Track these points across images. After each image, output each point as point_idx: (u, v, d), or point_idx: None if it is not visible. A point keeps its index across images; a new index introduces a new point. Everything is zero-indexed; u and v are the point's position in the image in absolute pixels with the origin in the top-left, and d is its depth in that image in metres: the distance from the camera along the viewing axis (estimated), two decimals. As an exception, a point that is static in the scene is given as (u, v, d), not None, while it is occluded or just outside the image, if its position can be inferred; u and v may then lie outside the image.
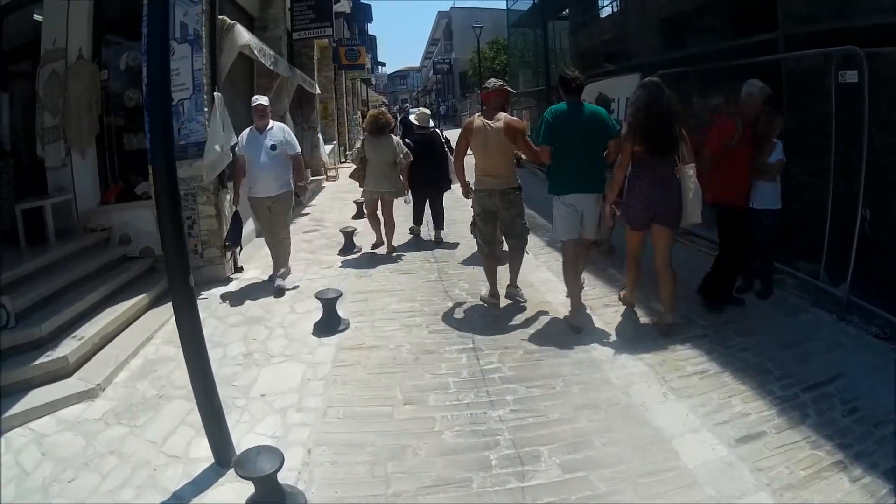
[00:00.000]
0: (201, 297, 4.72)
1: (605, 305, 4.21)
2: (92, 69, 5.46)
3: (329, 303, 3.89)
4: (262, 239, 6.80)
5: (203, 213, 5.11)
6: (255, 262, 5.87)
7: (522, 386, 3.10)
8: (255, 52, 5.72)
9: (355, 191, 10.47)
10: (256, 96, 5.07)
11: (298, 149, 5.11)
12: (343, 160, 14.72)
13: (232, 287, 5.09)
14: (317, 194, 10.38)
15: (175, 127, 4.97)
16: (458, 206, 6.82)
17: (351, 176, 6.10)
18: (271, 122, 4.98)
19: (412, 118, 6.45)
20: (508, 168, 3.96)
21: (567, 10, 11.79)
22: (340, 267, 5.59)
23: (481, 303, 4.33)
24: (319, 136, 11.15)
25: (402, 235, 6.41)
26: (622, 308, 4.07)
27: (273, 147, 4.83)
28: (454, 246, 6.16)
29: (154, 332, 4.08)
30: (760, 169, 4.04)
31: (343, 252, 6.05)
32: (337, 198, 9.81)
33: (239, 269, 5.53)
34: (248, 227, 6.75)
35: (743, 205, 3.97)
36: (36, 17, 5.69)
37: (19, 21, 5.89)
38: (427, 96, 55.93)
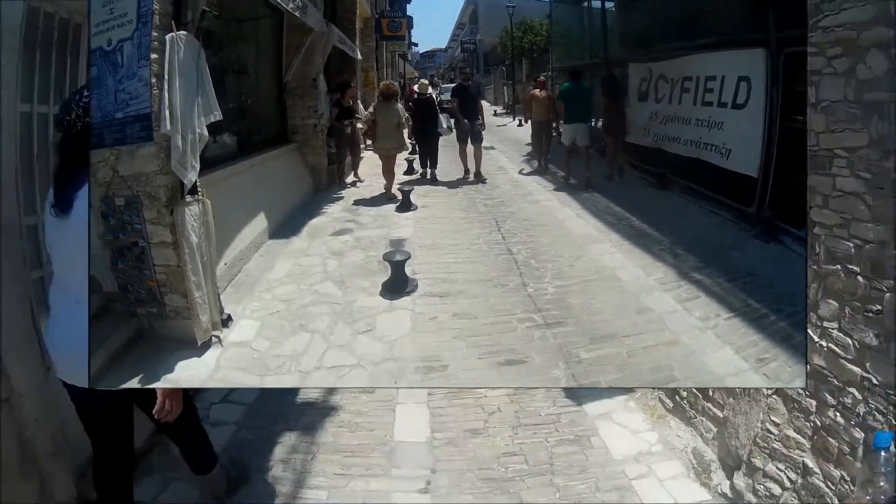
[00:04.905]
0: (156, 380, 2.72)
1: None
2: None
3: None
4: (274, 242, 4.70)
5: (154, 236, 3.00)
6: (250, 300, 3.70)
7: None
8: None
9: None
10: None
11: None
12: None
13: (207, 362, 3.01)
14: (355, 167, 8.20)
15: (111, 87, 2.91)
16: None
17: (364, 134, 7.65)
18: None
19: (415, 87, 8.76)
20: (547, 114, 8.17)
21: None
22: (384, 330, 3.28)
23: None
24: (360, 103, 9.36)
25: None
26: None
27: None
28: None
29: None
30: None
31: (390, 289, 3.75)
32: (380, 170, 7.12)
33: (224, 321, 3.41)
34: (255, 228, 4.72)
35: None
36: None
37: None
38: (452, 72, 56.44)
